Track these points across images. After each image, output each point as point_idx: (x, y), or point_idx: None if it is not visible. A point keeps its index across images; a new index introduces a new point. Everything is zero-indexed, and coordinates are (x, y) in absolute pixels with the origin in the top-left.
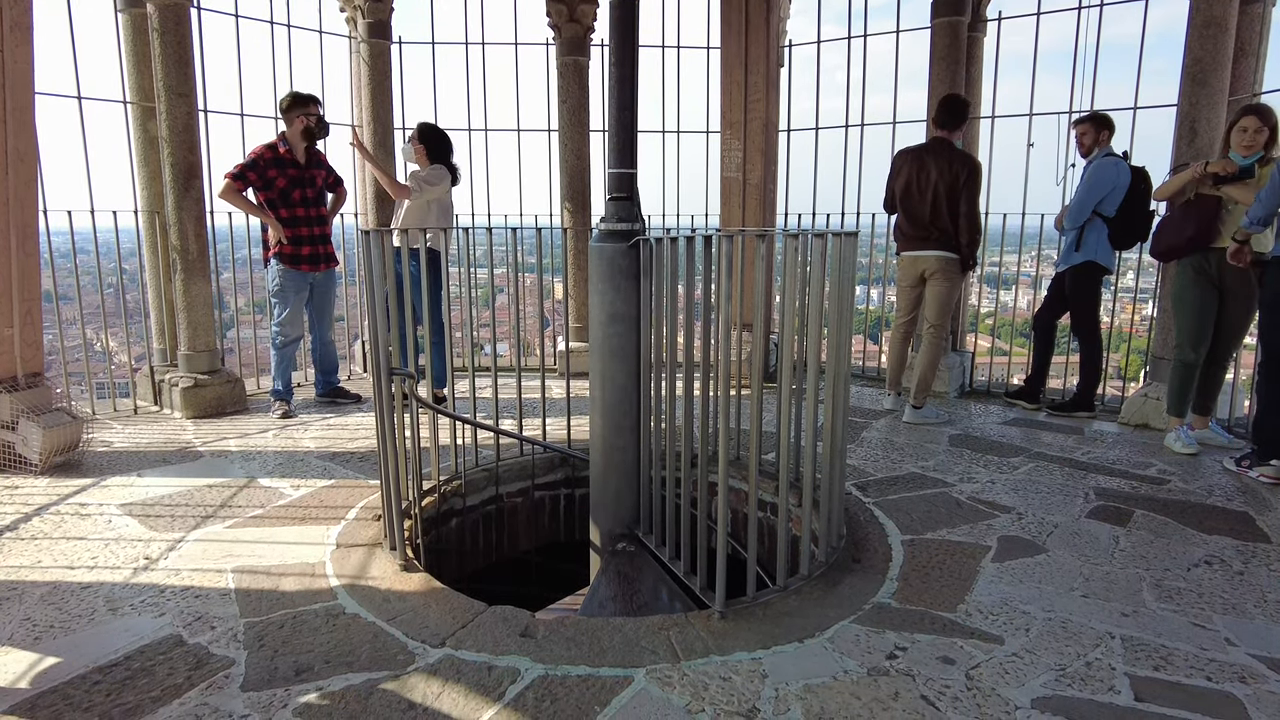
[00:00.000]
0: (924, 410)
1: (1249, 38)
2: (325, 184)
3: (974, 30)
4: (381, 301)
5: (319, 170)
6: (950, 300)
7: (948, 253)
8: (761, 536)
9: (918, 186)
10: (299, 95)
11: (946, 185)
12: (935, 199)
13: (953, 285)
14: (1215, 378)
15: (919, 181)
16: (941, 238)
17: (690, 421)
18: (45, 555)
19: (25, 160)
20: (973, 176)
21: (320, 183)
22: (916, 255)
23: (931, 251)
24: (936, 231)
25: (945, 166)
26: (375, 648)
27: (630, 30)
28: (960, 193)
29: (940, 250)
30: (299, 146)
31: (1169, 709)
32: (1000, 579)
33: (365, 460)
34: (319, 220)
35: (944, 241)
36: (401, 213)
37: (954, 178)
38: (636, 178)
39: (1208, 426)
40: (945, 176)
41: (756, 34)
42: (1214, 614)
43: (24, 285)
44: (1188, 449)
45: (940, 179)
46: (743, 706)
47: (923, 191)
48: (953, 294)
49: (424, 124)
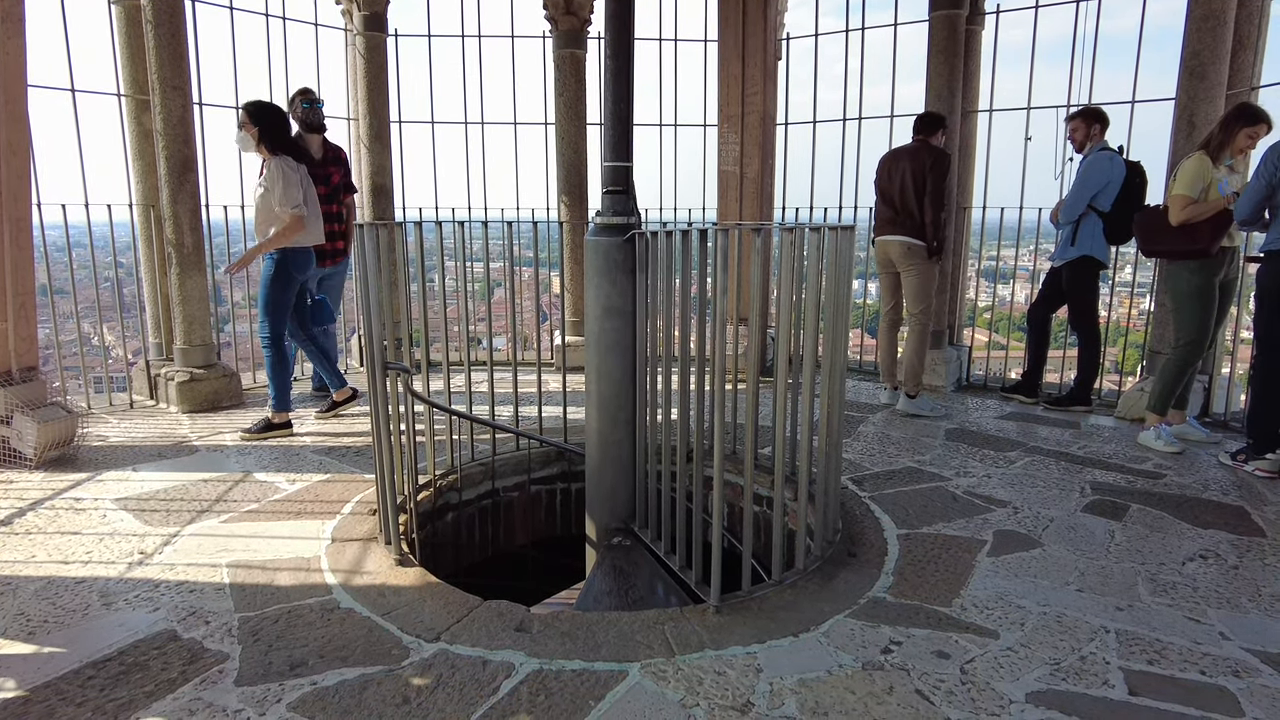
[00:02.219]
0: (919, 400)
1: (1248, 31)
2: (342, 183)
3: (972, 23)
4: (376, 296)
5: (335, 168)
6: (925, 288)
7: (912, 239)
8: (757, 531)
9: (888, 176)
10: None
11: (914, 173)
12: (903, 187)
13: (922, 273)
14: (1194, 372)
15: (891, 172)
16: (908, 223)
17: (686, 416)
18: (40, 550)
19: (18, 153)
20: (938, 162)
21: (336, 180)
22: (885, 240)
23: (896, 237)
24: (903, 216)
25: (915, 159)
26: (370, 642)
27: (626, 22)
28: (926, 176)
29: (904, 236)
30: (312, 142)
31: (1163, 703)
32: (996, 573)
33: (361, 455)
34: (332, 217)
35: (909, 228)
36: (261, 219)
37: (920, 165)
38: (632, 171)
39: (1185, 420)
40: (913, 165)
41: (754, 27)
42: (1208, 608)
43: (18, 279)
44: (1171, 447)
45: (909, 167)
46: (737, 701)
47: (893, 181)
48: (926, 282)
49: (252, 103)
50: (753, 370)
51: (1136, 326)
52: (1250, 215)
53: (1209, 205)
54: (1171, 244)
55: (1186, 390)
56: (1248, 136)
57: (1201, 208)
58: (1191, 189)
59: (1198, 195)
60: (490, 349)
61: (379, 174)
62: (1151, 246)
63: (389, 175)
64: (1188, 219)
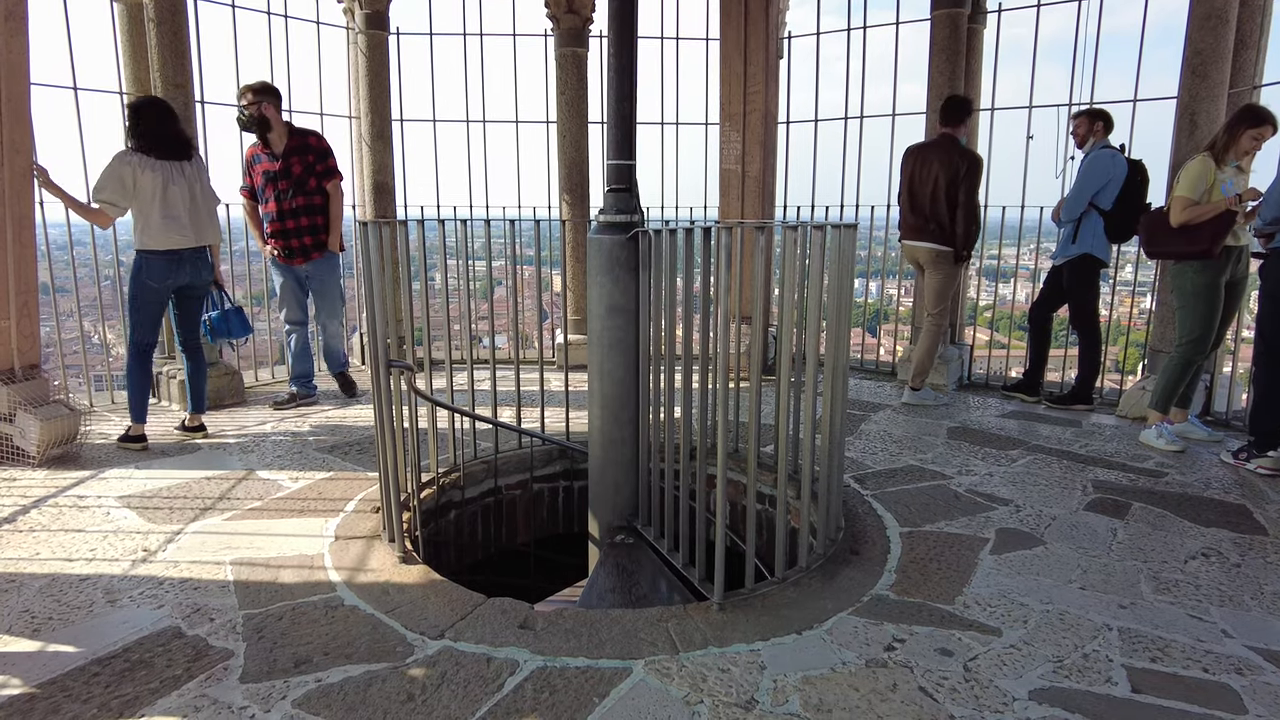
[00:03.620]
0: (921, 392)
1: (1250, 30)
2: (308, 172)
3: (974, 22)
4: (380, 294)
5: (294, 159)
6: (945, 290)
7: (940, 245)
8: (760, 529)
9: (920, 179)
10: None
11: (947, 179)
12: (935, 191)
13: (946, 276)
14: (1199, 371)
15: (921, 174)
16: (936, 230)
17: (689, 414)
18: (43, 547)
19: (21, 152)
20: (972, 169)
21: (298, 171)
22: (913, 245)
23: (924, 243)
24: (933, 224)
25: (946, 160)
26: (374, 639)
27: (629, 20)
28: (959, 185)
29: (933, 243)
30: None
31: (1166, 700)
32: (998, 571)
33: (364, 452)
34: (298, 212)
35: (937, 234)
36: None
37: (954, 171)
38: (635, 169)
39: (1187, 419)
40: (946, 170)
41: (756, 25)
42: (1211, 606)
43: (20, 277)
44: (1173, 446)
45: (941, 172)
46: (741, 698)
47: (924, 183)
48: (947, 285)
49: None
50: (755, 368)
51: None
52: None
53: (1209, 207)
54: (1173, 245)
55: (1191, 389)
56: (1252, 138)
57: (1202, 209)
58: (1192, 191)
59: (1199, 197)
60: (492, 347)
61: (380, 172)
62: (1154, 248)
63: (390, 173)
64: (1188, 220)
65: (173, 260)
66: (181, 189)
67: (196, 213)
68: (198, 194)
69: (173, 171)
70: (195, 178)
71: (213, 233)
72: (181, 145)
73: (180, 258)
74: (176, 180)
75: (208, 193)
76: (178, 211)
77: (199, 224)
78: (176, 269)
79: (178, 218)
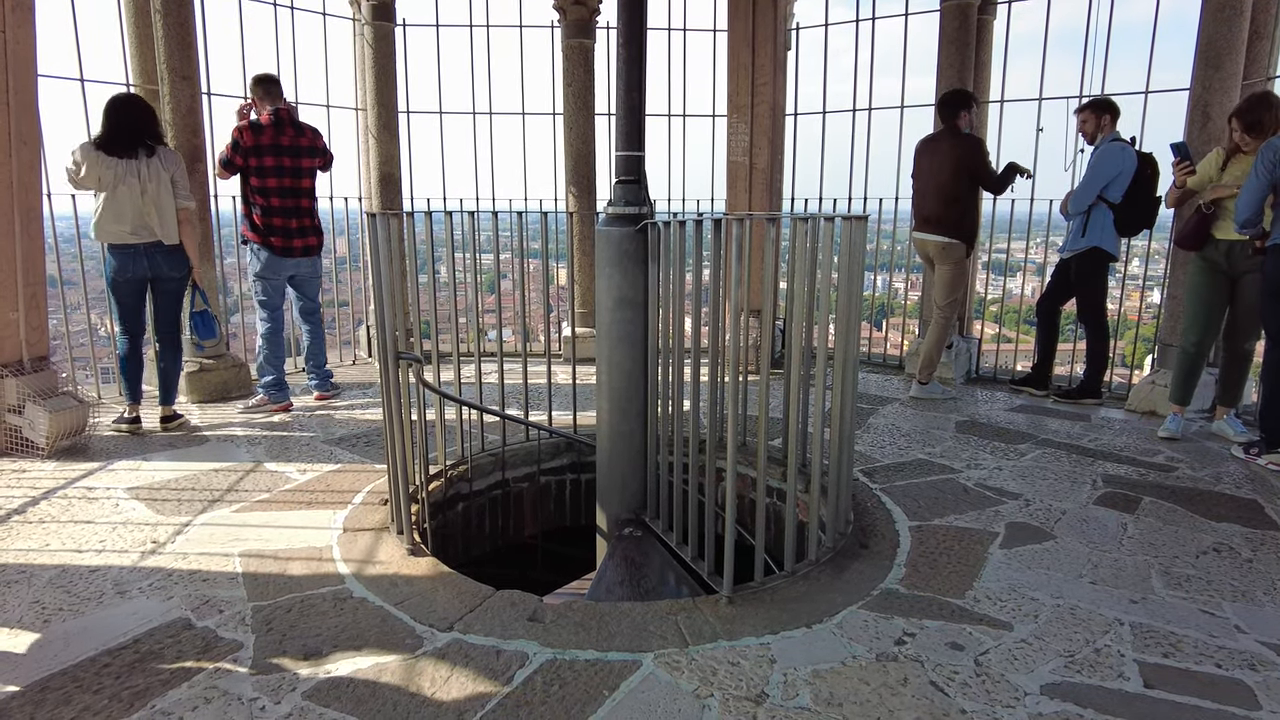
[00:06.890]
0: (929, 386)
1: (1264, 20)
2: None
3: (984, 13)
4: (388, 286)
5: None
6: (952, 283)
7: (946, 238)
8: (769, 522)
9: (927, 171)
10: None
11: (949, 171)
12: (939, 188)
13: (954, 269)
14: (1239, 369)
15: (929, 167)
16: (942, 222)
17: (697, 407)
18: (53, 539)
19: (28, 144)
20: (972, 153)
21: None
22: (923, 238)
23: (931, 235)
24: (939, 215)
25: (949, 151)
26: (383, 631)
27: (639, 9)
28: (961, 174)
29: (939, 235)
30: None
31: (1178, 696)
32: (1008, 565)
33: (371, 445)
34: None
35: (943, 227)
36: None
37: (955, 160)
38: (644, 160)
39: (1224, 418)
40: (949, 163)
41: (763, 17)
42: (1223, 601)
43: (28, 269)
44: (1163, 432)
45: (946, 164)
46: (751, 691)
47: (928, 176)
48: (955, 277)
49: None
50: (764, 361)
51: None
52: (1252, 215)
53: (1173, 196)
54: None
55: (1230, 386)
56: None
57: (1172, 198)
58: (1198, 182)
59: (1200, 188)
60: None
61: (387, 164)
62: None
63: (397, 165)
64: (1170, 205)
65: (127, 253)
66: (132, 187)
67: (147, 210)
68: (150, 191)
69: (128, 168)
70: (152, 176)
71: (169, 231)
72: (134, 141)
73: (135, 251)
74: (127, 179)
75: (165, 189)
76: (123, 208)
77: (149, 222)
78: (133, 262)
79: (123, 214)
